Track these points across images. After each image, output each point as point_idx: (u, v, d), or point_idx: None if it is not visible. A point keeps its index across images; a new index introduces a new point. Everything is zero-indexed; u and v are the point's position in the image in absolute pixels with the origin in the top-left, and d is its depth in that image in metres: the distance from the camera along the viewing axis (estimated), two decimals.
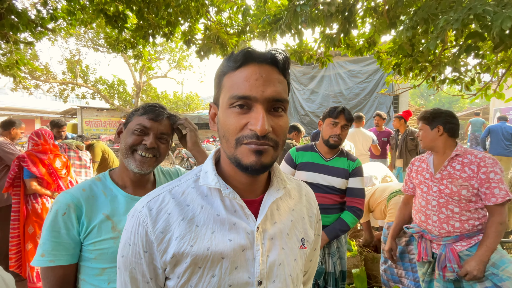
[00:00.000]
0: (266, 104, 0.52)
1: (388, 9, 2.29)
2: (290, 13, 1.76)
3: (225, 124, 0.53)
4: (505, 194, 1.46)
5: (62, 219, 0.84)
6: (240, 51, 0.54)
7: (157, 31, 3.13)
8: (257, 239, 0.57)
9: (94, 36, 13.73)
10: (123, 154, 0.94)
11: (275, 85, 0.53)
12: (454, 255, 1.55)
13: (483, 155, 1.56)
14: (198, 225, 0.56)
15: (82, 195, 0.89)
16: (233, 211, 0.58)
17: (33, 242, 2.45)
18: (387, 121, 9.91)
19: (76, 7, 3.34)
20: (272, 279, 0.58)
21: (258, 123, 0.50)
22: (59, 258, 0.83)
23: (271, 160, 0.54)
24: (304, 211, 0.69)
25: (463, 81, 3.05)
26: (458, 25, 1.64)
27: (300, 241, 0.64)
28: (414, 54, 2.43)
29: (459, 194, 1.54)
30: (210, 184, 0.58)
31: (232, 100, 0.52)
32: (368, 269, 2.43)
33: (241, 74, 0.52)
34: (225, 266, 0.55)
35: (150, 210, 0.57)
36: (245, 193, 0.60)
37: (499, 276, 1.43)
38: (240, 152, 0.52)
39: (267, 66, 0.53)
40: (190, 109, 16.57)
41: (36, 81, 13.05)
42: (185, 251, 0.54)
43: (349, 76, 10.78)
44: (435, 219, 1.62)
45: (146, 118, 0.93)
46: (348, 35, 2.09)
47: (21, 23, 2.77)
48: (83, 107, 16.95)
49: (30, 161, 2.44)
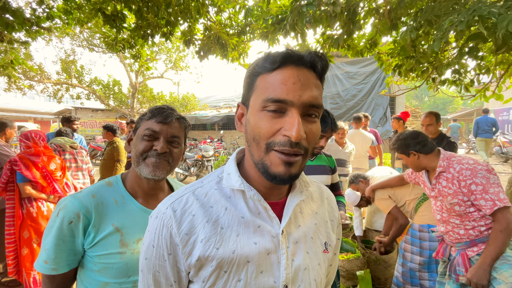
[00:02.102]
0: (302, 109, 0.50)
1: (389, 10, 2.29)
2: (294, 13, 1.74)
3: (257, 127, 0.51)
4: (492, 205, 1.44)
5: (68, 228, 0.80)
6: (278, 52, 0.51)
7: (156, 31, 3.09)
8: (282, 242, 0.56)
9: (89, 36, 13.59)
10: (135, 162, 0.89)
11: (312, 90, 0.50)
12: (463, 259, 1.57)
13: (460, 167, 1.54)
14: (223, 227, 0.55)
15: (91, 203, 0.84)
16: (257, 213, 0.57)
17: (28, 247, 2.38)
18: (384, 122, 9.97)
19: (73, 6, 3.29)
20: (297, 284, 0.57)
21: (294, 128, 0.47)
22: (62, 266, 0.81)
23: (300, 170, 0.52)
24: (326, 214, 0.68)
25: (463, 82, 3.06)
26: (463, 27, 1.64)
27: (324, 245, 0.63)
28: (416, 55, 2.43)
29: (454, 210, 1.58)
30: (233, 186, 0.56)
31: (267, 103, 0.50)
32: (371, 271, 2.42)
33: (278, 76, 0.50)
34: (250, 270, 0.54)
35: (175, 212, 0.56)
36: (268, 196, 0.58)
37: (497, 279, 1.44)
38: (270, 158, 0.50)
39: (305, 69, 0.51)
40: (187, 110, 16.47)
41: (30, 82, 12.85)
42: (211, 254, 0.53)
43: (346, 77, 10.83)
44: (442, 229, 1.69)
45: (154, 122, 0.88)
46: (352, 35, 2.08)
47: (16, 22, 2.71)
48: (78, 107, 16.75)
49: (22, 165, 2.36)
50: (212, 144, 10.62)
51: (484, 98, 3.26)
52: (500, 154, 9.14)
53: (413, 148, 1.70)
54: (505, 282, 1.41)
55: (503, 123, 11.71)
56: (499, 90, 3.16)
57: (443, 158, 1.63)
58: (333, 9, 1.69)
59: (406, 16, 2.41)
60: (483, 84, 3.20)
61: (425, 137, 1.72)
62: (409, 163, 1.77)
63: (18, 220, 2.39)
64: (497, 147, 9.42)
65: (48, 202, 2.53)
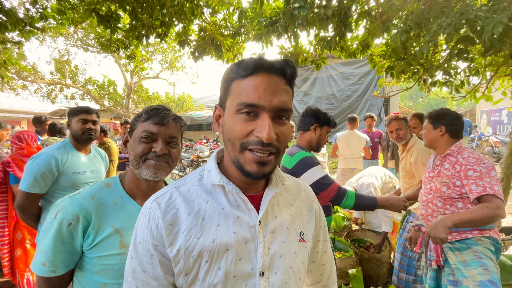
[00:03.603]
0: (273, 113, 0.55)
1: (381, 13, 2.33)
2: (287, 16, 1.77)
3: (232, 128, 0.56)
4: (482, 190, 1.44)
5: (67, 229, 0.80)
6: (251, 60, 0.56)
7: (150, 32, 3.09)
8: (259, 232, 0.60)
9: (84, 36, 13.48)
10: (134, 165, 0.89)
11: (282, 95, 0.55)
12: (435, 246, 1.61)
13: (469, 155, 1.57)
14: (204, 219, 0.59)
15: (90, 205, 0.83)
16: (237, 206, 0.61)
17: (22, 248, 2.37)
18: (378, 123, 10.07)
19: (67, 6, 3.27)
20: (274, 271, 0.61)
21: (265, 131, 0.52)
22: (60, 268, 0.81)
23: (272, 168, 0.57)
24: (302, 206, 0.73)
25: (453, 83, 3.12)
26: (450, 30, 1.68)
27: (299, 235, 0.67)
28: (407, 57, 2.47)
29: (440, 191, 1.62)
30: (213, 181, 0.61)
31: (240, 106, 0.55)
32: (364, 269, 2.45)
33: (251, 83, 0.55)
34: (230, 258, 0.57)
35: (159, 205, 0.60)
36: (246, 190, 0.63)
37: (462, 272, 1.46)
38: (244, 157, 0.55)
39: (275, 76, 0.56)
40: (183, 110, 16.42)
41: (23, 82, 12.71)
42: (192, 243, 0.57)
43: (341, 78, 10.91)
44: (423, 212, 1.74)
45: (151, 123, 0.88)
46: (344, 38, 2.11)
47: (9, 22, 2.70)
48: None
49: (15, 166, 2.35)
50: (207, 144, 10.62)
51: (474, 99, 3.33)
52: (492, 154, 9.29)
53: (446, 124, 1.69)
54: (471, 279, 1.41)
55: (495, 123, 11.89)
56: (488, 91, 3.23)
57: (456, 145, 1.66)
58: (324, 12, 1.72)
59: (398, 18, 2.46)
60: (473, 85, 3.26)
61: (462, 123, 1.72)
62: (428, 134, 1.74)
63: (12, 221, 2.38)
64: (489, 147, 9.58)
65: None
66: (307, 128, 1.78)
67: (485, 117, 12.66)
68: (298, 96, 11.74)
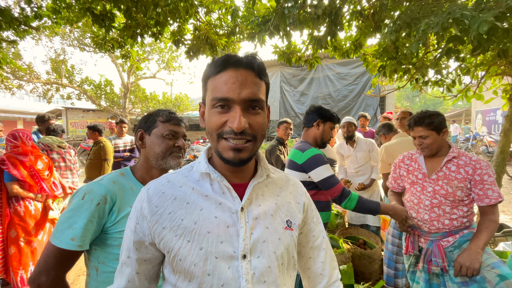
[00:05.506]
0: (243, 104, 0.59)
1: (373, 13, 2.36)
2: (278, 15, 1.79)
3: (209, 121, 0.62)
4: (497, 196, 1.52)
5: (96, 209, 0.92)
6: (220, 57, 0.61)
7: (145, 31, 3.10)
8: (241, 217, 0.64)
9: (80, 35, 13.42)
10: (160, 157, 1.07)
11: (250, 87, 0.60)
12: (440, 250, 1.60)
13: (477, 157, 1.60)
14: (189, 203, 0.65)
15: (114, 188, 0.98)
16: (221, 193, 0.66)
17: (16, 246, 2.37)
18: (373, 122, 10.14)
19: (62, 5, 3.27)
20: (257, 255, 0.64)
21: (235, 121, 0.58)
22: (86, 243, 0.92)
23: (250, 154, 0.62)
24: (289, 197, 0.76)
25: (445, 83, 3.16)
26: (438, 29, 1.71)
27: (285, 223, 0.70)
28: (398, 56, 2.51)
29: (454, 195, 1.58)
30: (201, 170, 0.67)
31: (214, 101, 0.60)
32: (355, 266, 2.48)
33: (221, 79, 0.60)
34: (211, 240, 0.62)
35: (148, 190, 0.67)
36: (233, 179, 0.68)
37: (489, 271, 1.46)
38: (221, 146, 0.61)
39: (243, 70, 0.60)
40: (180, 110, 16.40)
41: (19, 81, 12.63)
42: (176, 224, 0.63)
43: (337, 78, 10.97)
44: (426, 217, 1.66)
45: (172, 124, 1.10)
46: (335, 37, 2.14)
47: (4, 21, 2.70)
48: (68, 108, 16.52)
49: (10, 164, 2.36)
50: (204, 144, 10.62)
51: (466, 99, 3.37)
52: (487, 154, 9.38)
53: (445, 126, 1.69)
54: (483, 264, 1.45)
55: (490, 123, 12.01)
56: (479, 90, 3.27)
57: (455, 147, 1.68)
58: (315, 11, 1.74)
59: (390, 18, 2.49)
60: (464, 85, 3.31)
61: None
62: (435, 142, 1.65)
63: (6, 219, 2.38)
64: (484, 147, 9.67)
65: (36, 201, 2.53)
66: (310, 125, 1.85)
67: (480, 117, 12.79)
68: (295, 96, 11.79)
